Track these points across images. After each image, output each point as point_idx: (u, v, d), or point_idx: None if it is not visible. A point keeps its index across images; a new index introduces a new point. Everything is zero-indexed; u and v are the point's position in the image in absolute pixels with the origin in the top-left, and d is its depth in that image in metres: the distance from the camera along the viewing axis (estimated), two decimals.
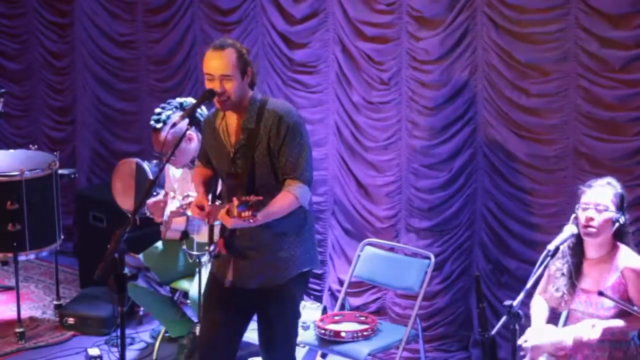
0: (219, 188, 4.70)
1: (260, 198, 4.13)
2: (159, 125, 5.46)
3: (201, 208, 4.45)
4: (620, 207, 4.47)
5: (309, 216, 4.56)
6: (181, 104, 5.57)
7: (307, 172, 4.41)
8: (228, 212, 4.14)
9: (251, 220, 4.11)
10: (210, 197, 4.64)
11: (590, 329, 4.36)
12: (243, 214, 4.09)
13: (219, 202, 4.62)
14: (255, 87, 4.48)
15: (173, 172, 5.70)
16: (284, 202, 4.35)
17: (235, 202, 4.10)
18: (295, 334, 4.70)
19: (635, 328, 4.49)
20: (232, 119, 4.47)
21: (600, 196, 4.45)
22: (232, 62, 4.35)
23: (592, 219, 4.44)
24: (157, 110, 5.59)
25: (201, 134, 4.78)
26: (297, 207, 4.39)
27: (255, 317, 4.67)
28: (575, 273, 4.53)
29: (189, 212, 5.33)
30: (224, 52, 4.36)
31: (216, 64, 4.36)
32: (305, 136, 4.43)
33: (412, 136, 5.93)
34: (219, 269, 4.58)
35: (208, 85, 4.38)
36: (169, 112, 5.48)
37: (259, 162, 4.39)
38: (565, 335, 4.42)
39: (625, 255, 4.49)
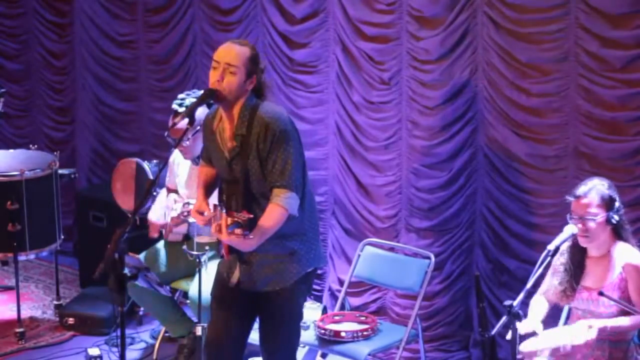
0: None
1: (251, 216, 4.09)
2: (181, 109, 5.35)
3: (201, 214, 4.40)
4: (611, 207, 4.47)
5: (310, 214, 4.52)
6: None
7: (295, 179, 4.30)
8: (215, 231, 4.12)
9: (243, 239, 4.09)
10: (213, 196, 4.61)
11: (587, 331, 4.36)
12: (235, 232, 4.08)
13: (222, 204, 4.59)
14: (265, 100, 4.40)
15: (179, 172, 5.67)
16: (274, 217, 4.26)
17: (227, 221, 4.08)
18: (298, 335, 4.69)
19: (638, 327, 4.48)
20: (226, 123, 4.41)
21: (586, 206, 4.45)
22: (242, 56, 4.30)
23: (584, 230, 4.45)
24: (182, 95, 5.53)
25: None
26: (287, 217, 4.30)
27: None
28: (577, 271, 4.55)
29: (190, 220, 5.33)
30: (238, 46, 4.35)
31: (227, 50, 4.33)
32: (293, 143, 4.32)
33: (412, 136, 5.93)
34: (227, 269, 4.55)
35: (210, 73, 4.33)
36: (193, 99, 5.37)
37: (252, 170, 4.33)
38: (562, 339, 4.42)
39: (625, 251, 4.50)
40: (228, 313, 4.56)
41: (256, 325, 4.67)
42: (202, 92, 5.48)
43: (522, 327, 4.38)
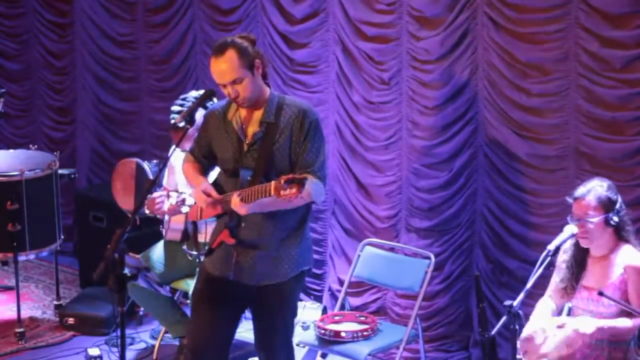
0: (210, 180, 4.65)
1: (305, 176, 4.06)
2: (182, 124, 5.35)
3: (208, 195, 4.39)
4: (610, 208, 4.46)
5: (309, 214, 4.53)
6: (196, 98, 5.46)
7: (324, 169, 4.40)
8: (274, 190, 4.03)
9: (293, 198, 4.01)
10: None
11: (585, 325, 4.37)
12: (289, 191, 3.99)
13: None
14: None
15: (179, 169, 5.66)
16: (312, 187, 4.23)
17: (282, 179, 4.02)
18: (292, 333, 4.69)
19: (635, 329, 4.48)
20: (244, 112, 4.43)
21: (584, 207, 4.47)
22: (236, 64, 4.28)
23: (584, 231, 4.47)
24: (176, 108, 5.51)
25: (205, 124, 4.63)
26: (307, 201, 4.34)
27: (251, 317, 4.66)
28: (578, 270, 4.56)
29: (183, 210, 5.32)
30: (224, 56, 4.29)
31: (221, 72, 4.30)
32: (323, 134, 4.45)
33: (412, 136, 5.93)
34: (216, 266, 4.52)
35: (224, 90, 4.33)
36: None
37: (277, 155, 4.36)
38: (565, 330, 4.42)
39: (627, 253, 4.50)
40: (215, 312, 4.52)
41: (250, 325, 4.66)
42: (191, 96, 5.51)
43: (527, 328, 4.40)
